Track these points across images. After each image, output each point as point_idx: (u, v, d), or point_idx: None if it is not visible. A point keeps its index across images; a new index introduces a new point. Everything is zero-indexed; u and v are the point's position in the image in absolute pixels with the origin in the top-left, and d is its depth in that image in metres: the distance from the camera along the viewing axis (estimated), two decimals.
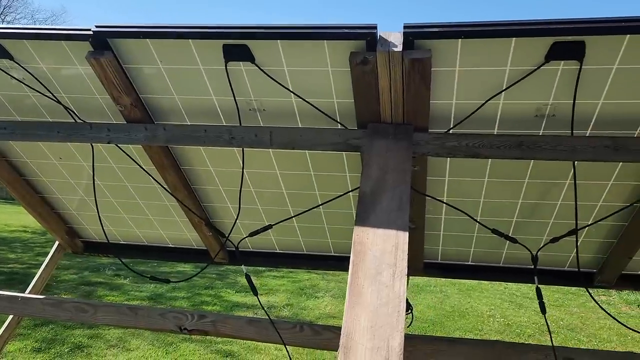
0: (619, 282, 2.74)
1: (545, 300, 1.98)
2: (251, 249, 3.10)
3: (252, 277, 2.16)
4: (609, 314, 2.05)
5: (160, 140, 2.13)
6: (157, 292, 7.62)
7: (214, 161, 2.46)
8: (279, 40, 1.80)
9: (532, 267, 2.83)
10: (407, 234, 1.62)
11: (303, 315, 7.08)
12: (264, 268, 9.18)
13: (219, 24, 1.80)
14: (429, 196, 2.28)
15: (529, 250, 2.12)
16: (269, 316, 2.09)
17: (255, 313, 6.99)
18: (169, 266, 9.51)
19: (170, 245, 3.17)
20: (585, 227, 2.07)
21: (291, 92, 1.97)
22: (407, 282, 2.96)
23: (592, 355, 1.83)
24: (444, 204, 2.43)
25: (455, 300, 8.37)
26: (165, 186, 2.57)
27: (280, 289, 8.40)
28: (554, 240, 2.01)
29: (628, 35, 1.59)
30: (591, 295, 1.87)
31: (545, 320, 1.83)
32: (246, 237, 2.26)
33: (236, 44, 1.84)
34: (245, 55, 1.86)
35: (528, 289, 9.22)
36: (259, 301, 2.16)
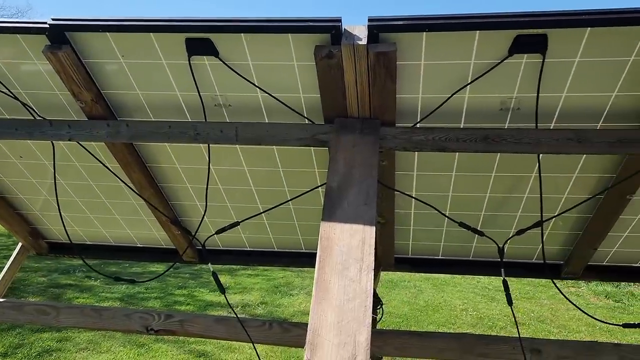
0: (586, 273, 2.79)
1: (516, 292, 2.01)
2: (222, 247, 3.05)
3: (226, 276, 2.12)
4: (574, 304, 2.08)
5: (123, 137, 2.07)
6: (129, 293, 7.49)
7: (180, 158, 2.41)
8: (242, 34, 1.76)
9: (508, 261, 2.86)
10: (374, 228, 1.61)
11: (277, 313, 7.05)
12: (238, 267, 9.11)
13: (182, 17, 1.76)
14: (398, 190, 2.28)
15: (496, 243, 2.14)
16: (236, 314, 2.06)
17: (230, 312, 6.93)
18: (141, 266, 9.36)
19: (139, 245, 3.11)
20: (549, 219, 2.10)
21: (257, 87, 1.94)
22: (377, 278, 2.97)
23: (558, 346, 1.86)
24: (413, 199, 2.43)
25: (429, 294, 8.45)
26: (131, 185, 2.51)
27: (254, 287, 8.35)
28: (520, 232, 2.03)
29: (589, 29, 1.61)
30: (556, 287, 1.90)
31: (512, 312, 1.84)
32: (212, 235, 2.22)
33: (199, 38, 1.80)
34: (208, 49, 1.82)
35: (500, 282, 9.37)
36: (226, 299, 2.13)
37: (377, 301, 2.20)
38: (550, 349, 1.84)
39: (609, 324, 2.15)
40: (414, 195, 2.44)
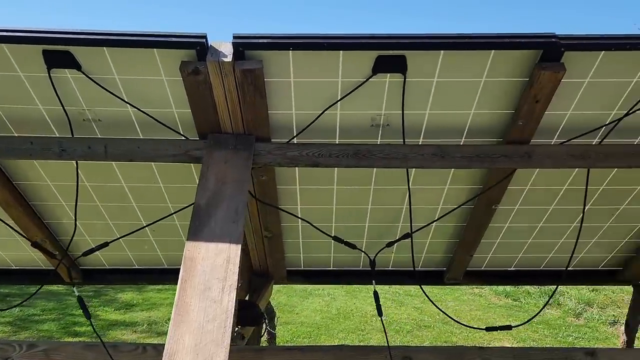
0: (466, 278, 2.95)
1: (423, 296, 2.08)
2: (107, 267, 2.92)
3: (133, 292, 2.01)
4: (439, 308, 2.18)
5: None
6: (21, 316, 6.96)
7: (51, 175, 2.27)
8: (105, 47, 1.70)
9: (395, 269, 2.96)
10: (239, 246, 1.60)
11: None
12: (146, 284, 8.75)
13: (37, 28, 1.66)
14: (269, 204, 2.29)
15: (367, 255, 2.21)
16: (101, 340, 1.96)
17: (135, 331, 6.65)
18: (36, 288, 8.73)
19: (14, 267, 2.89)
20: (418, 229, 2.20)
21: (125, 101, 1.88)
22: (269, 291, 2.96)
23: (428, 352, 1.94)
24: (295, 213, 2.45)
25: (341, 302, 8.56)
26: None
27: (163, 303, 8.05)
28: (390, 244, 2.11)
29: (442, 51, 1.71)
30: (424, 292, 1.99)
31: (382, 322, 1.91)
32: (80, 256, 2.11)
33: (58, 50, 1.71)
34: (69, 62, 1.73)
35: (409, 287, 9.67)
36: (92, 325, 2.02)
37: (260, 317, 2.19)
38: (421, 355, 1.92)
39: (472, 327, 2.29)
40: (299, 209, 2.46)
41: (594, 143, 2.06)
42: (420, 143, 2.07)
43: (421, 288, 2.04)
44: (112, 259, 2.87)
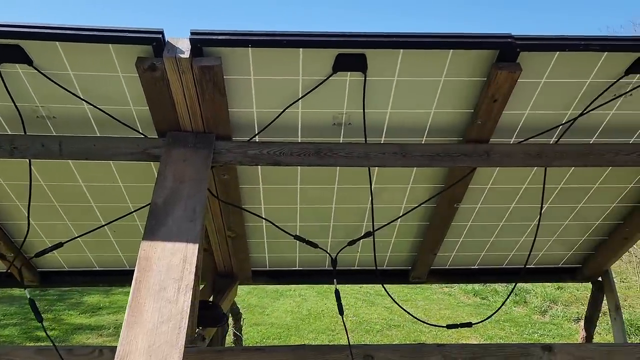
0: (430, 276, 2.98)
1: (394, 295, 2.08)
2: (66, 269, 2.84)
3: (100, 295, 1.95)
4: (401, 307, 2.19)
5: None
6: None
7: (4, 174, 2.20)
8: (57, 42, 1.65)
9: (360, 268, 2.97)
10: (197, 245, 1.57)
11: None
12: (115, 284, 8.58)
13: None
14: (231, 204, 2.26)
15: (329, 254, 2.21)
16: (53, 343, 1.91)
17: (101, 334, 6.51)
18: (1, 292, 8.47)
19: None
20: (380, 228, 2.21)
21: (80, 98, 1.83)
22: (234, 292, 2.93)
23: (388, 350, 1.95)
24: (256, 213, 2.43)
25: (312, 302, 8.56)
26: None
27: None
28: (352, 242, 2.11)
29: (402, 50, 1.71)
30: (386, 291, 2.00)
31: (343, 321, 1.91)
32: (33, 257, 2.05)
33: (8, 44, 1.65)
34: (19, 56, 1.68)
35: (380, 287, 9.72)
36: (44, 328, 1.96)
37: (222, 317, 2.16)
38: (382, 353, 1.93)
39: (433, 325, 2.31)
40: (262, 208, 2.44)
41: (551, 142, 2.10)
42: (382, 142, 2.08)
43: (383, 287, 2.05)
44: (72, 261, 2.80)
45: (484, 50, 1.72)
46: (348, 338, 1.90)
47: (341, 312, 1.86)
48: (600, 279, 3.02)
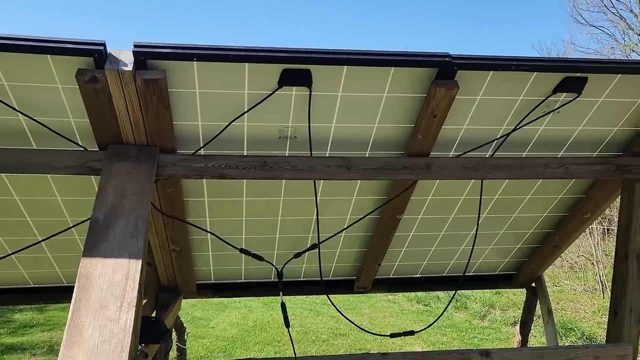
0: (375, 286, 3.04)
1: (340, 304, 2.10)
2: None
3: (34, 312, 1.84)
4: (344, 315, 2.23)
5: None
6: None
7: None
8: None
9: (306, 279, 2.98)
10: (140, 261, 1.54)
11: None
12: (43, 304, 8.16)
13: None
14: (175, 217, 2.23)
15: (274, 267, 2.21)
16: None
17: (34, 354, 6.18)
18: None
19: None
20: (326, 240, 2.24)
21: (14, 109, 1.76)
22: (178, 306, 2.87)
23: None
24: (200, 227, 2.41)
25: (258, 314, 8.48)
26: None
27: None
28: (297, 255, 2.13)
29: (345, 67, 1.76)
30: (330, 301, 2.03)
31: (289, 334, 1.91)
32: None
33: None
34: None
35: (325, 297, 9.76)
36: None
37: (165, 333, 2.11)
38: None
39: (377, 335, 2.36)
40: (208, 221, 2.42)
41: (487, 156, 2.20)
42: (327, 155, 2.11)
43: (329, 298, 2.08)
44: (3, 278, 2.66)
45: (424, 68, 1.79)
46: (294, 351, 1.91)
47: (287, 324, 1.87)
48: (533, 284, 3.18)
